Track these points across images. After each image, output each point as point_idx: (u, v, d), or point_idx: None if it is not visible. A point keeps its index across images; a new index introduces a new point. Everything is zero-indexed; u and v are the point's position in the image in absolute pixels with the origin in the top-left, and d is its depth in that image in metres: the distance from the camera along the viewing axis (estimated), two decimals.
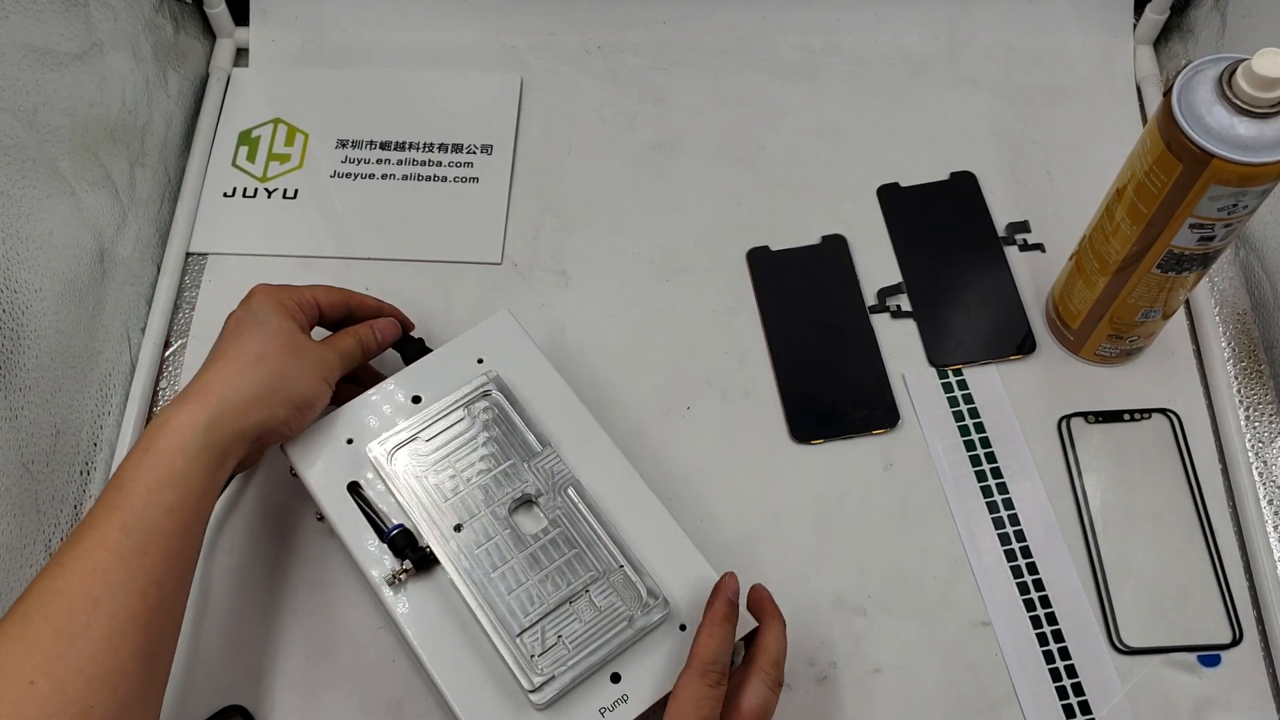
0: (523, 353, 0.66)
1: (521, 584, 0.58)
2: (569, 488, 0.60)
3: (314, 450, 0.62)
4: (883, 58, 0.86)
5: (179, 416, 0.55)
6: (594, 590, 0.58)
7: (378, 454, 0.61)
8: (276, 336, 0.61)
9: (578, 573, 0.58)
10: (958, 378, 0.73)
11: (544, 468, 0.61)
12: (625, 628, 0.57)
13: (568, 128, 0.84)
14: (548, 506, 0.60)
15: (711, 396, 0.73)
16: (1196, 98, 0.56)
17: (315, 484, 0.61)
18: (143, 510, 0.52)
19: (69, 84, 0.70)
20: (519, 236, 0.79)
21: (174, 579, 0.53)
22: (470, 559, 0.58)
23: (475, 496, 0.60)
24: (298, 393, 0.60)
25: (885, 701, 0.64)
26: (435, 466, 0.61)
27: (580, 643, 0.56)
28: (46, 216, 0.66)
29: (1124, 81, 0.85)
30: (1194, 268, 0.63)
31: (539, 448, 0.62)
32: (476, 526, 0.59)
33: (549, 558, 0.59)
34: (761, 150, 0.83)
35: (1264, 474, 0.70)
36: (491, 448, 0.62)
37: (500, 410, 0.63)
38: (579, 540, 0.59)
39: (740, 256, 0.78)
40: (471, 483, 0.61)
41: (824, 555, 0.68)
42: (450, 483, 0.61)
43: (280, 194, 0.81)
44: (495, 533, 0.59)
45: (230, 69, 0.87)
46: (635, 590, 0.58)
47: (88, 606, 0.49)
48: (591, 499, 0.60)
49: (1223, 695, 0.64)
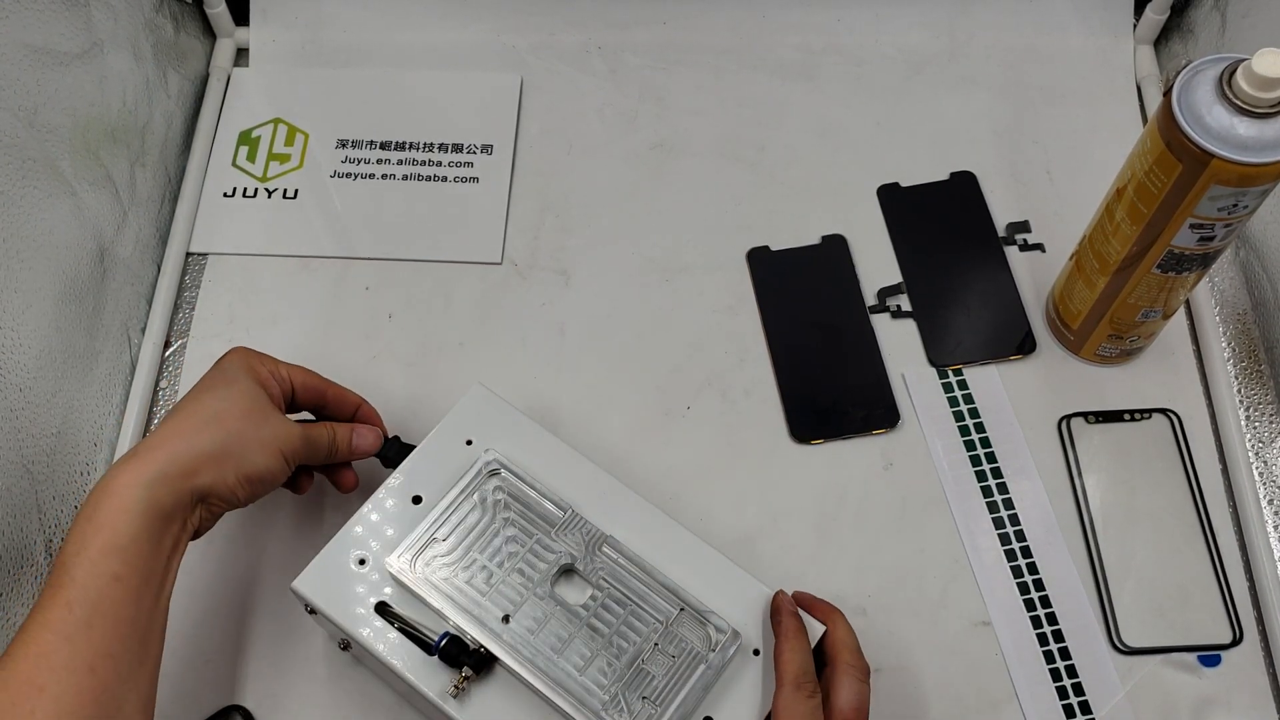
0: (510, 422, 0.63)
1: (588, 658, 0.56)
2: (603, 545, 0.59)
3: (327, 582, 0.58)
4: (883, 57, 0.86)
5: (122, 476, 0.52)
6: (662, 642, 0.56)
7: (398, 567, 0.57)
8: (240, 400, 0.57)
9: (639, 630, 0.57)
10: (958, 377, 0.73)
11: (573, 532, 0.59)
12: (704, 669, 0.55)
13: (568, 127, 0.84)
14: (588, 571, 0.58)
15: (711, 396, 0.73)
16: (1196, 98, 0.56)
17: (339, 615, 0.57)
18: (86, 582, 0.49)
19: (69, 84, 0.70)
20: (519, 236, 0.79)
21: (130, 650, 0.50)
22: (529, 648, 0.56)
23: (513, 582, 0.57)
24: (250, 462, 0.56)
25: (885, 701, 0.64)
26: (462, 562, 0.58)
27: (664, 698, 0.55)
28: (47, 216, 0.66)
29: (1124, 81, 0.85)
30: (1194, 268, 0.63)
31: (560, 514, 0.59)
32: (525, 612, 0.57)
33: (606, 623, 0.57)
34: (762, 150, 0.83)
35: (1264, 474, 0.70)
36: (513, 528, 0.59)
37: (511, 487, 0.60)
38: (630, 596, 0.57)
39: (740, 256, 0.78)
40: (504, 568, 0.58)
41: (824, 555, 0.68)
42: (482, 575, 0.58)
43: (280, 194, 0.81)
44: (545, 613, 0.57)
45: (230, 69, 0.87)
46: (702, 630, 0.57)
47: (32, 694, 0.47)
48: (629, 550, 0.58)
49: (1223, 695, 0.64)
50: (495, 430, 0.63)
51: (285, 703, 0.64)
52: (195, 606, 0.66)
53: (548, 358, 0.75)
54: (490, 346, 0.75)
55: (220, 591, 0.67)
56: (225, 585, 0.67)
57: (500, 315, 0.76)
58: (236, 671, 0.64)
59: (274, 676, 0.64)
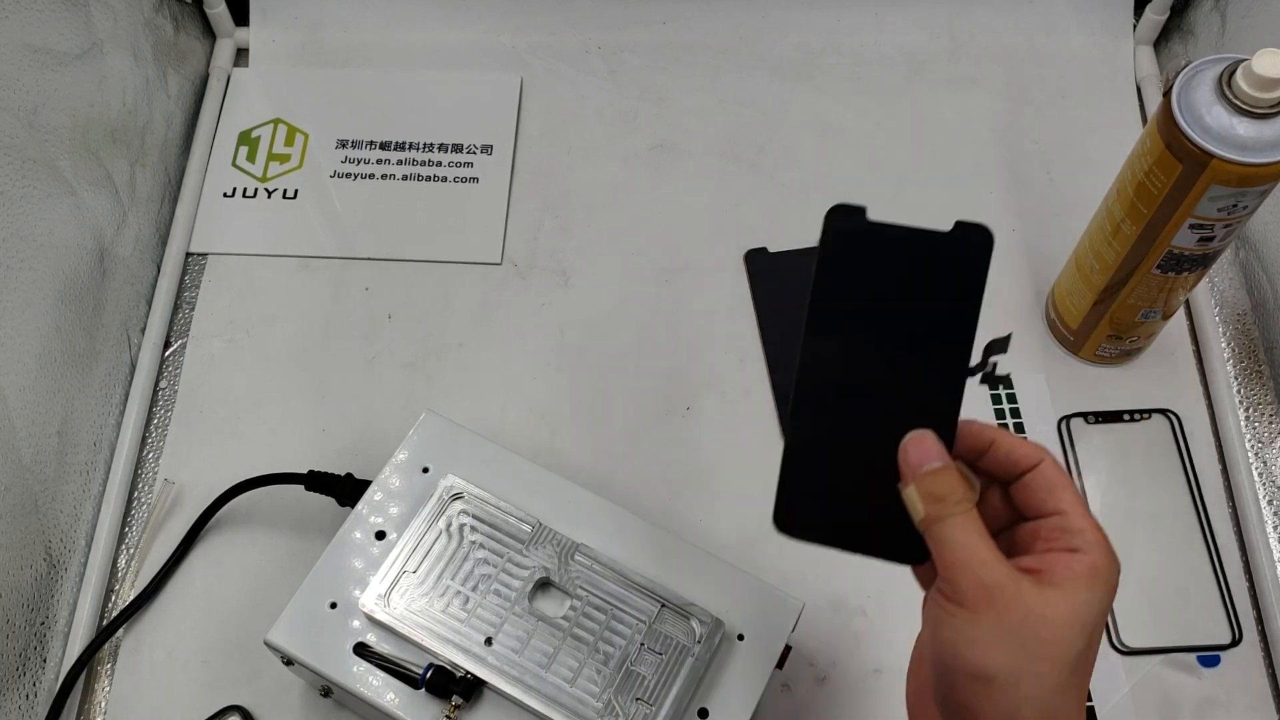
0: (464, 444, 0.62)
1: (576, 669, 0.55)
2: (575, 554, 0.58)
3: (301, 629, 0.57)
4: (883, 58, 0.86)
5: None
6: (647, 641, 0.56)
7: (372, 606, 0.57)
8: None
9: (623, 632, 0.57)
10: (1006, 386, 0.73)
11: (543, 545, 0.59)
12: (693, 661, 0.55)
13: (567, 128, 0.84)
14: (564, 581, 0.58)
15: (711, 397, 0.73)
16: (1196, 98, 0.56)
17: (318, 663, 0.56)
18: None
19: (69, 84, 0.70)
20: (519, 236, 0.79)
21: None
22: (516, 667, 0.55)
23: (490, 604, 0.57)
24: None
25: (885, 702, 0.64)
26: (436, 591, 0.57)
27: (657, 696, 0.55)
28: (46, 216, 0.66)
29: (1124, 82, 0.85)
30: (1194, 268, 0.63)
31: (528, 529, 0.59)
32: (507, 632, 0.56)
33: (590, 631, 0.57)
34: (761, 151, 0.83)
35: (1264, 474, 0.70)
36: (483, 550, 0.58)
37: (475, 509, 0.60)
38: (610, 601, 0.57)
39: (740, 257, 0.78)
40: (480, 591, 0.57)
41: (823, 556, 0.68)
42: (458, 600, 0.57)
43: (280, 194, 0.81)
44: (528, 630, 0.57)
45: (230, 69, 0.87)
46: (685, 623, 0.57)
47: None
48: (602, 555, 0.58)
49: (1222, 696, 0.64)
50: (451, 454, 0.62)
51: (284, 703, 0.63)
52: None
53: (547, 358, 0.75)
54: (490, 347, 0.75)
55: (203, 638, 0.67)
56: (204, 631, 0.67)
57: (500, 316, 0.76)
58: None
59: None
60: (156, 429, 0.73)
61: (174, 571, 0.67)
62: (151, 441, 0.72)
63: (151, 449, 0.72)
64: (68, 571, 0.66)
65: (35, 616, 0.63)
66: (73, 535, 0.67)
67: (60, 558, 0.65)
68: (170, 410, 0.73)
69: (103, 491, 0.69)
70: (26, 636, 0.62)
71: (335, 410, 0.73)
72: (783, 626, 0.58)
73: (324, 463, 0.68)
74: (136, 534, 0.69)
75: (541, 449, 0.71)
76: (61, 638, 0.65)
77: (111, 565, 0.68)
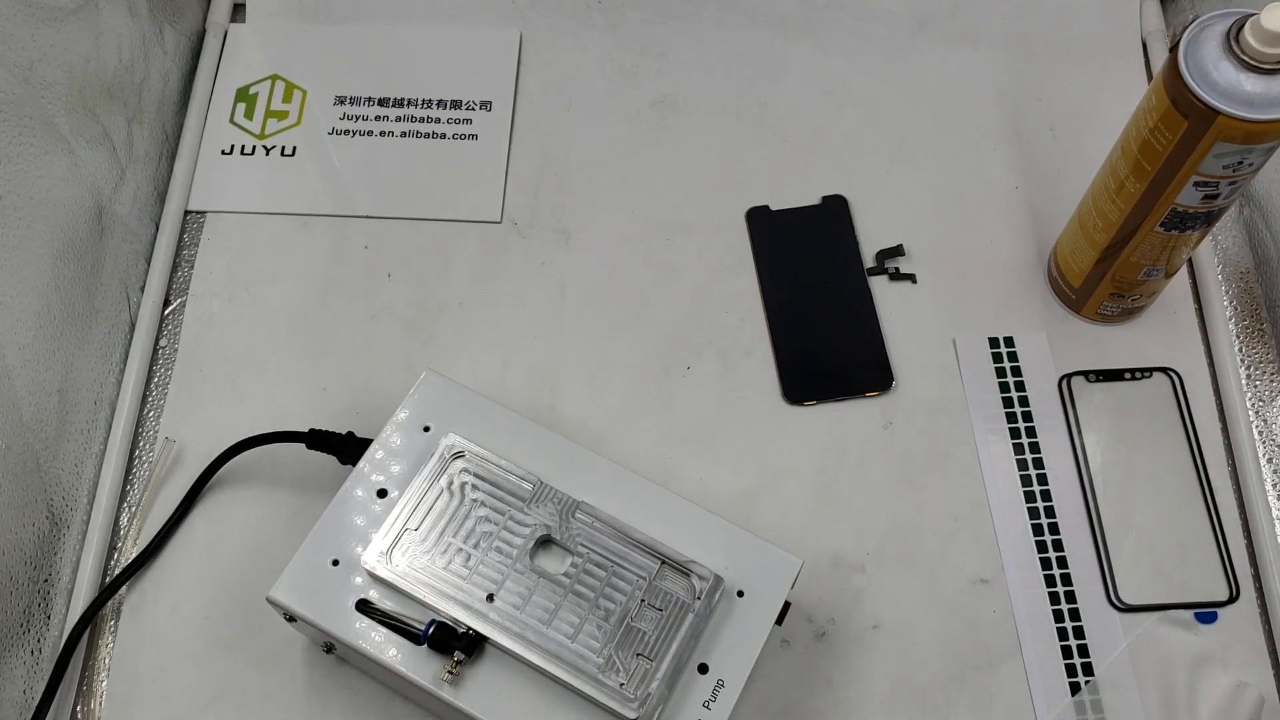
0: (465, 403, 0.63)
1: (578, 625, 0.56)
2: (576, 511, 0.59)
3: (303, 586, 0.58)
4: (886, 12, 0.85)
5: None
6: (648, 597, 0.57)
7: (374, 563, 0.57)
8: None
9: (624, 589, 0.57)
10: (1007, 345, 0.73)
11: (544, 503, 0.59)
12: (693, 618, 0.56)
13: (568, 83, 0.83)
14: (565, 538, 0.58)
15: (712, 356, 0.73)
16: (1203, 53, 0.55)
17: (321, 619, 0.57)
18: None
19: (65, 39, 0.69)
20: (519, 194, 0.79)
21: None
22: (517, 623, 0.56)
23: (492, 561, 0.58)
24: None
25: (884, 657, 0.64)
26: (438, 548, 0.58)
27: (657, 651, 0.55)
28: (44, 174, 0.66)
29: (1130, 37, 0.84)
30: (1197, 226, 0.63)
31: (529, 487, 0.59)
32: (508, 589, 0.57)
33: (591, 587, 0.57)
34: (764, 107, 0.82)
35: (1264, 433, 0.70)
36: (484, 508, 0.59)
37: (476, 467, 0.60)
38: (610, 558, 0.58)
39: (742, 215, 0.78)
40: (481, 548, 0.58)
41: (823, 513, 0.69)
42: (460, 558, 0.58)
43: (278, 151, 0.81)
44: (529, 586, 0.57)
45: (227, 24, 0.86)
46: (685, 580, 0.57)
47: None
48: (602, 513, 0.59)
49: (1219, 652, 0.64)
50: (452, 413, 0.62)
51: (272, 711, 0.63)
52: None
53: (548, 317, 0.74)
54: (490, 306, 0.75)
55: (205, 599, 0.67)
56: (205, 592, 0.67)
57: (500, 274, 0.76)
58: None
59: (258, 679, 0.64)
60: (157, 387, 0.73)
61: (176, 529, 0.67)
62: (152, 400, 0.72)
63: (152, 407, 0.72)
64: (70, 529, 0.66)
65: (38, 574, 0.63)
66: (74, 493, 0.67)
67: (62, 516, 0.66)
68: (170, 369, 0.73)
69: (104, 450, 0.70)
70: (30, 594, 0.62)
71: (335, 369, 0.73)
72: (782, 583, 0.58)
73: (324, 421, 0.68)
74: (138, 492, 0.69)
75: (542, 408, 0.71)
76: (65, 595, 0.65)
77: (114, 523, 0.68)
